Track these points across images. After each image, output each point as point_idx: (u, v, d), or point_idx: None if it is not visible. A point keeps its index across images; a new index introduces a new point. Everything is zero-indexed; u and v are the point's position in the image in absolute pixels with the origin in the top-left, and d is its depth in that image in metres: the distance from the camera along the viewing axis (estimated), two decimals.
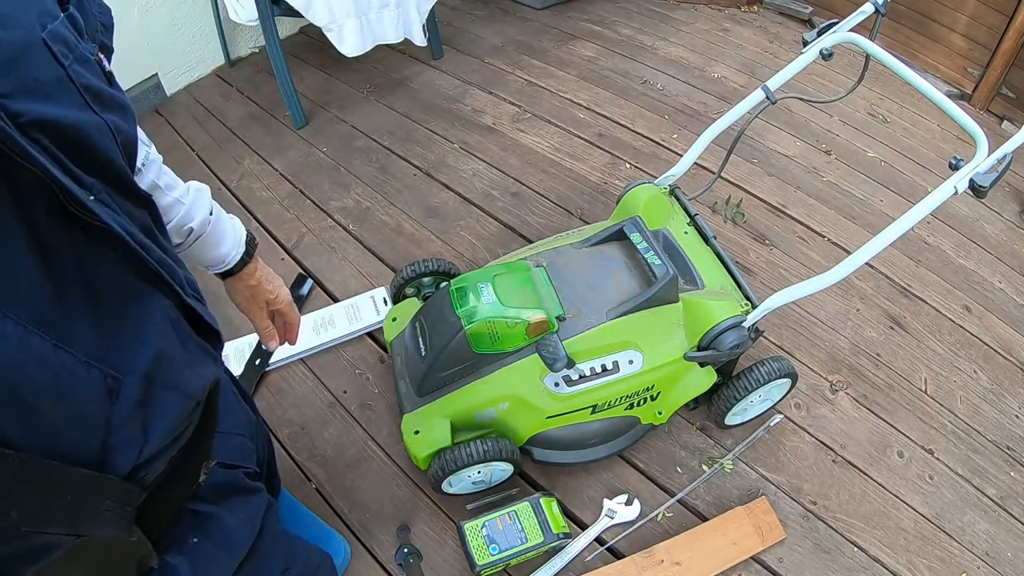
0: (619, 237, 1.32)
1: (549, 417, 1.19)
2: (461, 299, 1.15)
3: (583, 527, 1.25)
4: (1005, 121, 2.32)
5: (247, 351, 1.52)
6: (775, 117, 2.24)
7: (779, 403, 1.41)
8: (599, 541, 1.23)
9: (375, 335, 1.59)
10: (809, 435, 1.41)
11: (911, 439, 1.42)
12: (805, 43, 1.28)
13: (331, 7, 2.01)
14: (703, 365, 1.24)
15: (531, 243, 1.54)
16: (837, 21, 1.25)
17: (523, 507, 1.21)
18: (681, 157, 1.42)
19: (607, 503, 1.27)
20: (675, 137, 2.17)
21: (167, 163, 0.76)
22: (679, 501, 1.29)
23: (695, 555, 1.18)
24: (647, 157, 2.10)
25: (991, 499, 1.34)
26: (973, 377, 1.55)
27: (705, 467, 1.34)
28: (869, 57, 1.19)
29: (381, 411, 1.44)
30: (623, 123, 2.24)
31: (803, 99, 1.43)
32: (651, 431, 1.32)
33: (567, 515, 1.27)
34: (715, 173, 1.42)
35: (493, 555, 1.16)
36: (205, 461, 0.66)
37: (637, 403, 1.24)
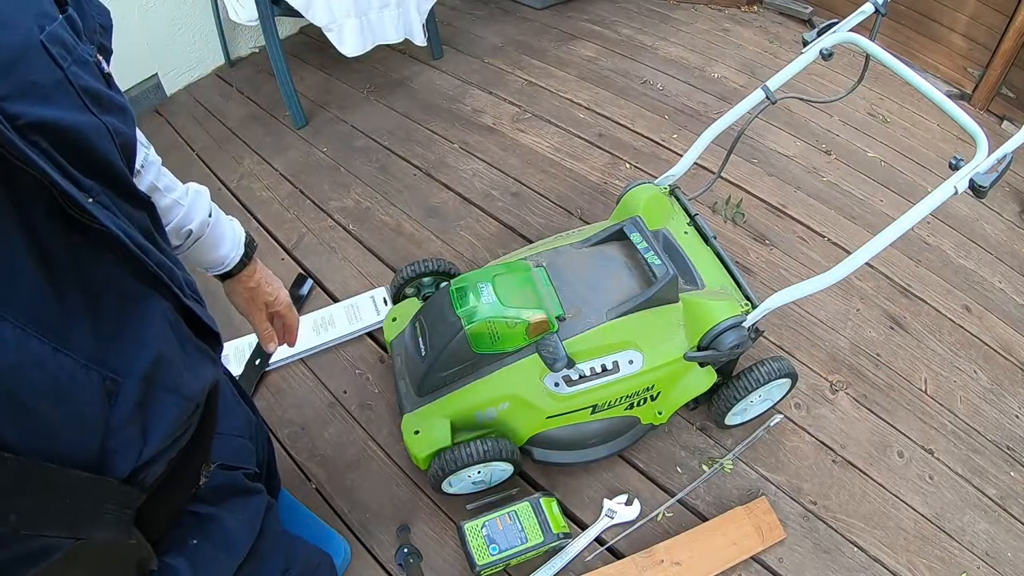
0: (619, 237, 1.32)
1: (549, 417, 1.19)
2: (461, 299, 1.15)
3: (583, 527, 1.25)
4: (1005, 121, 2.32)
5: (247, 351, 1.52)
6: (775, 117, 2.23)
7: (779, 403, 1.41)
8: (599, 541, 1.23)
9: (375, 335, 1.59)
10: (809, 435, 1.41)
11: (911, 439, 1.42)
12: (805, 43, 1.28)
13: (331, 7, 2.00)
14: (703, 365, 1.24)
15: (531, 243, 1.54)
16: (837, 21, 1.25)
17: (523, 507, 1.22)
18: (681, 157, 1.42)
19: (607, 503, 1.27)
20: (675, 137, 2.17)
21: (167, 163, 0.76)
22: (679, 501, 1.29)
23: (695, 555, 1.18)
24: (647, 157, 2.10)
25: (991, 499, 1.34)
26: (973, 377, 1.55)
27: (705, 467, 1.34)
28: (869, 57, 1.19)
29: (381, 411, 1.44)
30: (623, 123, 2.24)
31: (803, 99, 1.43)
32: (651, 431, 1.32)
33: (567, 515, 1.27)
34: (715, 173, 1.42)
35: (493, 555, 1.16)
36: (205, 463, 0.66)
37: (637, 403, 1.24)
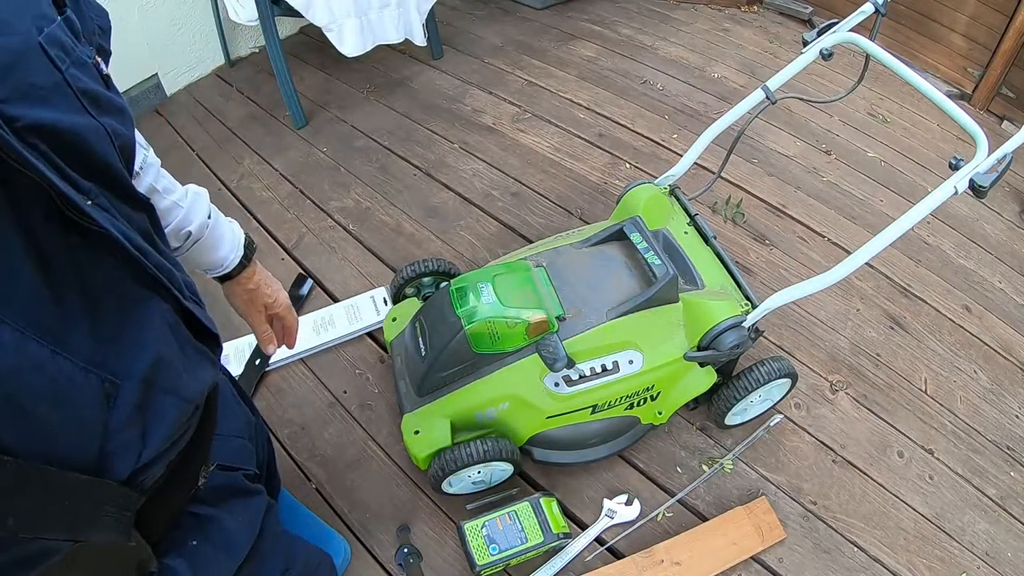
0: (619, 237, 1.32)
1: (549, 417, 1.19)
2: (461, 299, 1.15)
3: (583, 527, 1.25)
4: (1005, 121, 2.32)
5: (247, 351, 1.52)
6: (775, 117, 2.23)
7: (779, 403, 1.41)
8: (599, 541, 1.23)
9: (375, 335, 1.59)
10: (809, 435, 1.41)
11: (911, 439, 1.42)
12: (805, 43, 1.28)
13: (331, 7, 2.00)
14: (703, 365, 1.24)
15: (531, 243, 1.54)
16: (837, 21, 1.25)
17: (523, 507, 1.22)
18: (681, 157, 1.42)
19: (607, 503, 1.27)
20: (675, 137, 2.17)
21: (167, 163, 0.76)
22: (679, 501, 1.29)
23: (695, 555, 1.18)
24: (647, 157, 2.10)
25: (991, 499, 1.34)
26: (973, 377, 1.55)
27: (705, 467, 1.34)
28: (869, 57, 1.19)
29: (381, 411, 1.44)
30: (623, 123, 2.24)
31: (803, 99, 1.43)
32: (651, 431, 1.32)
33: (567, 515, 1.27)
34: (715, 173, 1.42)
35: (493, 555, 1.16)
36: (204, 464, 0.66)
37: (637, 403, 1.24)
